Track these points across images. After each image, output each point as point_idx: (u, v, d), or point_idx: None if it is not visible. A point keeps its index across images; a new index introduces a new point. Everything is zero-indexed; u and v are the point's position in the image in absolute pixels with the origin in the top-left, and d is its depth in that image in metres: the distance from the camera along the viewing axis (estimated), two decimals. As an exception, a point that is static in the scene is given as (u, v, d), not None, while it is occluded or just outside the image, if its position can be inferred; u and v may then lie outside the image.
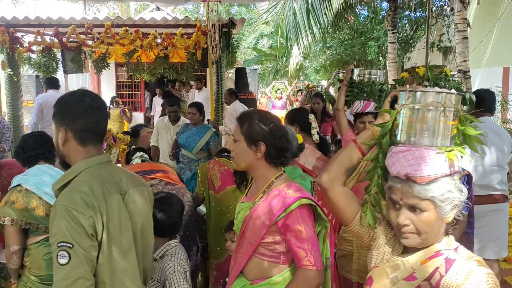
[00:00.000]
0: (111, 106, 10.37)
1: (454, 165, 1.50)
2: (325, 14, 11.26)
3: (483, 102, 3.76)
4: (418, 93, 1.58)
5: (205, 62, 7.40)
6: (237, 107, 7.74)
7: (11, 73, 7.92)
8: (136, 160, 3.88)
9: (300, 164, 3.41)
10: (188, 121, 5.86)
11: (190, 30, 8.01)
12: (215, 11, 6.39)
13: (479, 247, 3.79)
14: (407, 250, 1.62)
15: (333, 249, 2.24)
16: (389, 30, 10.95)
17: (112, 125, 9.90)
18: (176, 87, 9.88)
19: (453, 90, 1.65)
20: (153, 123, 10.77)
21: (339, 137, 5.57)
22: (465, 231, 2.98)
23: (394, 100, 1.73)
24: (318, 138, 3.76)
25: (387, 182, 1.61)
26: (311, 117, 3.80)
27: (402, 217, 1.53)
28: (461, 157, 1.52)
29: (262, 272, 2.11)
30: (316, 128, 3.77)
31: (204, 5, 6.54)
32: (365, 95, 3.29)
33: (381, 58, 15.21)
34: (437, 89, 1.58)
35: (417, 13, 13.51)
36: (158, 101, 10.74)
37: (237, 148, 2.16)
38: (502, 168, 3.94)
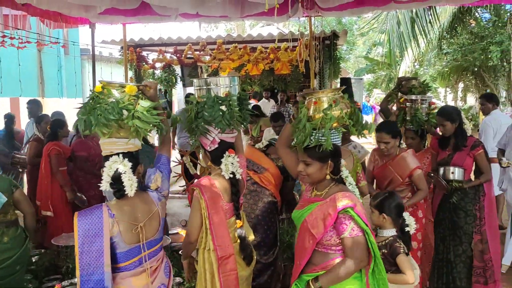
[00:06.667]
0: None
1: None
2: (430, 22, 10.73)
3: None
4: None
5: (309, 74, 7.61)
6: None
7: (138, 87, 8.95)
8: (264, 142, 4.08)
9: None
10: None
11: (296, 44, 8.31)
12: (317, 26, 6.62)
13: None
14: None
15: None
16: (512, 33, 10.17)
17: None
18: (264, 95, 9.84)
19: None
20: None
21: None
22: None
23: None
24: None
25: None
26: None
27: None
28: None
29: None
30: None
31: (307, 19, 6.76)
32: None
33: (505, 64, 14.04)
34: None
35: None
36: (265, 105, 9.58)
37: None
38: None
